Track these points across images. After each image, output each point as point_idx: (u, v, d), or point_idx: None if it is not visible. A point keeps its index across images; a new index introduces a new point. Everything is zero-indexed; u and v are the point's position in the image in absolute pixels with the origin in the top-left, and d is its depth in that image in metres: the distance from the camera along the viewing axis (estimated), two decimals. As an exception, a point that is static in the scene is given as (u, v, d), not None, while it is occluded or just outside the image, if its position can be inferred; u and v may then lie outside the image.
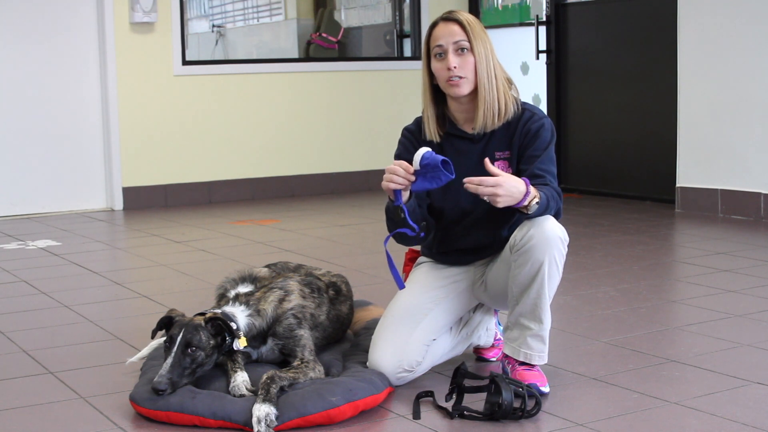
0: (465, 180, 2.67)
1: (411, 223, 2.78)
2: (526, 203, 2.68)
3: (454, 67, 2.84)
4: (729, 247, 5.10)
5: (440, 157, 2.67)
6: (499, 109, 2.90)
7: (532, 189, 2.69)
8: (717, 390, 2.88)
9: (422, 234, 2.89)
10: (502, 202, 2.65)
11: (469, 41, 2.86)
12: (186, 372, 2.75)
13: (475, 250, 3.02)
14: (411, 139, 3.02)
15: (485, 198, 2.66)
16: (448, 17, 2.90)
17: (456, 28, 2.87)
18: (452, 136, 2.97)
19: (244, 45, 8.39)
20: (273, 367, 2.91)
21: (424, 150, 2.69)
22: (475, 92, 2.89)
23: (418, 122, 3.03)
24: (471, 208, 2.94)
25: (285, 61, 7.65)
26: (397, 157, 3.02)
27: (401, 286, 2.88)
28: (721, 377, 3.00)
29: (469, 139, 2.95)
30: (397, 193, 2.75)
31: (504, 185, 2.64)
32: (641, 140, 6.85)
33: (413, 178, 2.71)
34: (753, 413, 2.68)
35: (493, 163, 2.93)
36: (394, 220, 2.83)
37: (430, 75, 2.93)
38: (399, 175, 2.71)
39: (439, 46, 2.87)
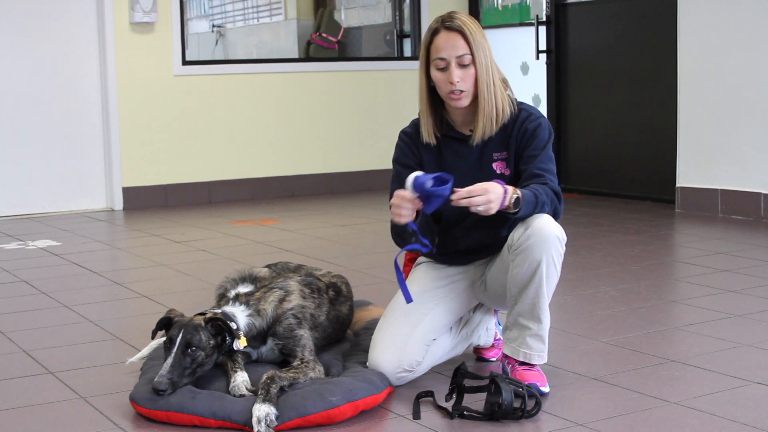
0: (454, 197, 2.65)
1: (424, 240, 2.78)
2: (507, 203, 2.68)
3: (457, 81, 2.83)
4: (729, 247, 5.10)
5: (428, 178, 2.64)
6: (497, 115, 2.89)
7: (508, 187, 2.69)
8: (717, 390, 2.88)
9: (435, 250, 2.88)
10: (494, 207, 2.65)
11: (472, 53, 2.83)
12: (186, 372, 2.75)
13: (475, 250, 3.02)
14: (408, 142, 3.00)
15: (479, 209, 2.64)
16: (451, 26, 2.84)
17: (460, 40, 2.82)
18: (450, 138, 2.96)
19: (244, 45, 8.39)
20: (273, 367, 2.91)
21: (411, 178, 2.67)
22: (473, 99, 2.88)
23: (415, 124, 3.01)
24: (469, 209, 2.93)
25: (285, 61, 7.65)
26: (395, 160, 3.01)
27: (409, 300, 2.86)
28: (721, 377, 3.00)
29: (466, 140, 2.95)
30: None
31: (491, 191, 2.64)
32: (641, 140, 6.85)
33: (420, 203, 2.69)
34: (753, 413, 2.68)
35: (491, 164, 2.93)
36: (404, 238, 2.83)
37: (428, 79, 2.90)
38: (405, 207, 2.70)
39: (442, 59, 2.83)
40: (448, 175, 2.67)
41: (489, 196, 2.63)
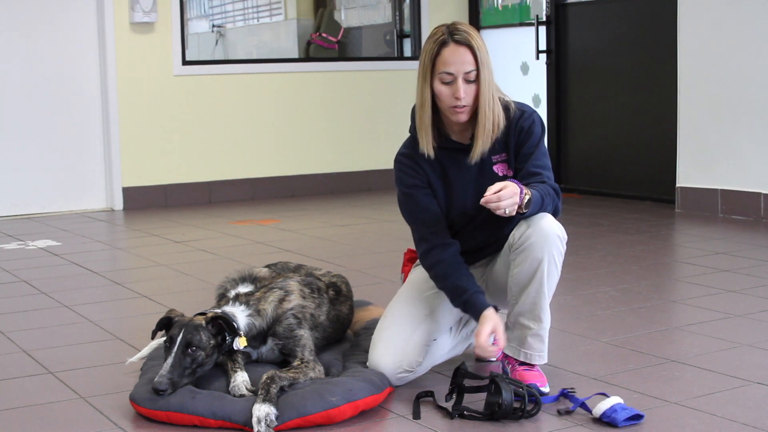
0: (483, 201, 2.62)
1: None
2: (524, 201, 2.67)
3: (463, 97, 2.81)
4: (729, 247, 5.10)
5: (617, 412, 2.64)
6: (493, 129, 2.87)
7: (523, 187, 2.69)
8: (717, 390, 2.88)
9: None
10: (515, 209, 2.64)
11: (478, 70, 2.80)
12: (186, 372, 2.75)
13: (477, 249, 3.02)
14: (410, 163, 2.94)
15: (505, 212, 2.62)
16: (460, 39, 2.79)
17: (468, 56, 2.79)
18: (447, 149, 2.94)
19: (244, 45, 8.39)
20: (273, 367, 2.91)
21: (601, 410, 2.65)
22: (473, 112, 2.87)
23: (409, 144, 2.97)
24: (475, 213, 2.92)
25: (285, 61, 7.65)
26: (403, 185, 2.95)
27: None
28: (721, 377, 3.00)
29: (464, 149, 2.93)
30: None
31: (516, 192, 2.63)
32: (641, 140, 6.85)
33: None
34: (753, 413, 2.68)
35: (492, 167, 2.93)
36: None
37: (432, 90, 2.85)
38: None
39: (449, 73, 2.79)
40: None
41: (515, 198, 2.63)
